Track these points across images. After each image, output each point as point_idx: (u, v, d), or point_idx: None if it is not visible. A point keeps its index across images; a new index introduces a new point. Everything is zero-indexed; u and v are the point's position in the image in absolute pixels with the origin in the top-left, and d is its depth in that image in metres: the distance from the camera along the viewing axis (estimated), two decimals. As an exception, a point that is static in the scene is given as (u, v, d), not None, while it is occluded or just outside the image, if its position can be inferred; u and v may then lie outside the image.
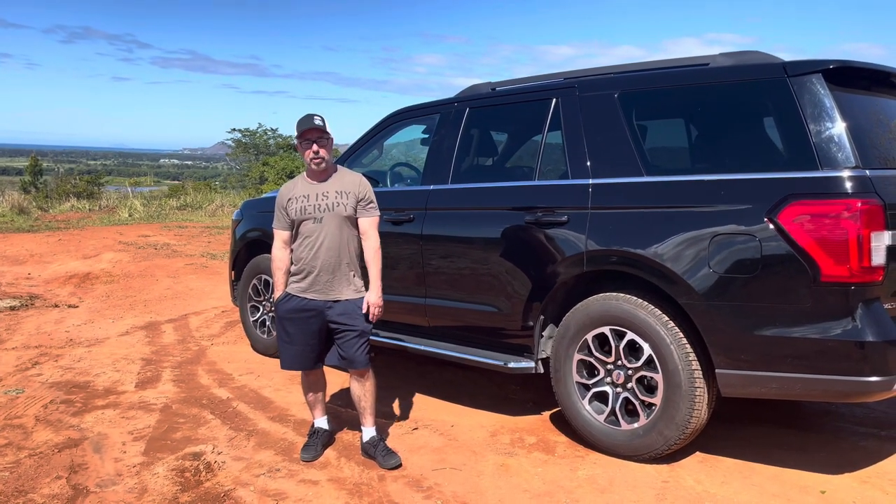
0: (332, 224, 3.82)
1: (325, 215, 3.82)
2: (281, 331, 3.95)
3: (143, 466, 3.83)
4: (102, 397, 4.94)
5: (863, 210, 3.12)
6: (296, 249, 3.89)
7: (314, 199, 3.84)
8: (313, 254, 3.82)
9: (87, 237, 13.56)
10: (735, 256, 3.39)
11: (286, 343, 3.94)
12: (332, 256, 3.82)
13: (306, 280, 3.85)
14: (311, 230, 3.83)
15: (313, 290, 3.85)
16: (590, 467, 3.79)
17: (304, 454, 3.93)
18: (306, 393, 4.11)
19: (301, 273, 3.86)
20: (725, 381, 3.49)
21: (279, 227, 3.96)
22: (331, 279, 3.84)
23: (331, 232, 3.82)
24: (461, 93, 4.91)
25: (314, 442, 4.01)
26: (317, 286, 3.84)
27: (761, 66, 3.56)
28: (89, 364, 5.74)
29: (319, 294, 3.85)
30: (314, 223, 3.82)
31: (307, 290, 3.85)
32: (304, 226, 3.84)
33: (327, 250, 3.82)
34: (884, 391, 3.18)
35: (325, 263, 3.82)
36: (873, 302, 3.19)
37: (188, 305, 8.11)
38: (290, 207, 3.86)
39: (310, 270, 3.83)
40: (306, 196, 3.85)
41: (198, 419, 4.54)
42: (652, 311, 3.68)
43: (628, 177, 3.82)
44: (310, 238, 3.83)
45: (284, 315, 3.90)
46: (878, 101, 3.65)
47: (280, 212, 3.93)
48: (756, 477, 3.62)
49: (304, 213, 3.83)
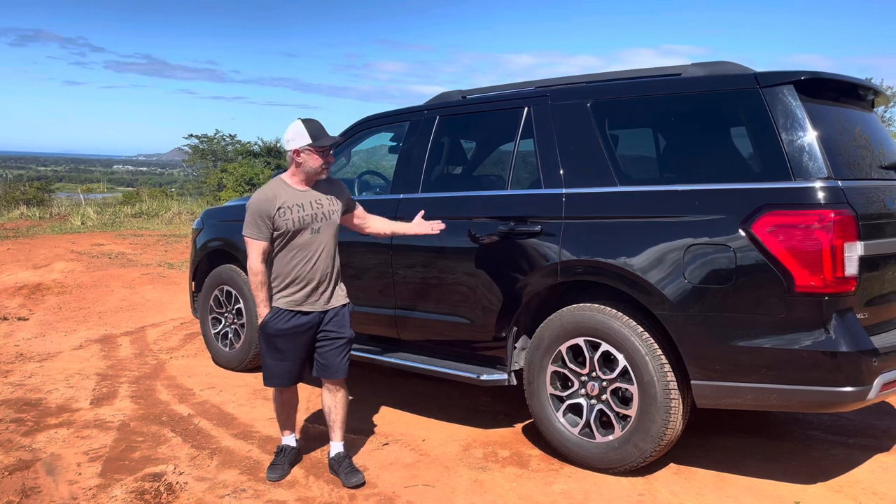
0: (327, 233, 3.68)
1: (323, 225, 3.65)
2: (271, 348, 3.70)
3: (99, 489, 3.65)
4: (55, 415, 4.72)
5: (836, 220, 3.13)
6: (285, 262, 3.64)
7: (310, 207, 3.63)
8: (312, 266, 3.63)
9: (37, 246, 13.11)
10: (710, 267, 3.38)
11: (277, 360, 3.71)
12: (328, 266, 3.69)
13: (301, 293, 3.64)
14: (308, 241, 3.62)
15: (309, 303, 3.66)
16: (565, 481, 3.74)
17: (270, 474, 3.77)
18: (281, 410, 3.90)
19: (294, 286, 3.64)
20: (701, 392, 3.47)
21: (260, 238, 3.60)
22: (327, 289, 3.70)
23: (327, 241, 3.68)
24: (431, 100, 4.83)
25: (281, 461, 3.84)
26: (313, 298, 3.67)
27: (733, 77, 3.56)
28: (41, 380, 5.49)
29: (316, 306, 3.68)
30: (312, 234, 3.62)
31: (302, 302, 3.65)
32: (300, 237, 3.60)
33: (325, 260, 3.67)
34: (858, 401, 3.19)
35: (324, 274, 3.67)
36: (846, 312, 3.20)
37: (145, 317, 7.85)
38: (283, 217, 3.56)
39: (307, 283, 3.63)
40: (300, 205, 3.61)
41: (157, 437, 4.36)
42: (627, 321, 3.65)
43: (602, 186, 3.79)
44: (305, 250, 3.62)
45: (277, 332, 3.65)
46: (847, 112, 3.68)
47: (263, 221, 3.57)
48: (730, 488, 3.60)
49: (302, 223, 3.59)
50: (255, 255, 3.61)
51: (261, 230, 3.59)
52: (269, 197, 3.60)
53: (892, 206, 3.53)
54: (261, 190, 3.68)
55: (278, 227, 3.58)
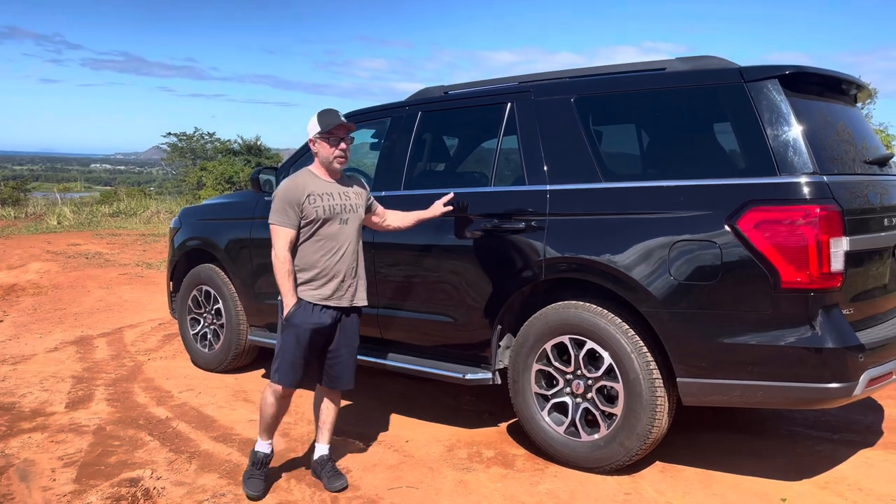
0: (354, 226, 3.59)
1: (350, 216, 3.56)
2: (293, 342, 3.48)
3: (74, 495, 3.55)
4: (29, 420, 4.60)
5: (821, 216, 3.11)
6: (311, 252, 3.50)
7: (339, 198, 3.54)
8: (339, 258, 3.51)
9: (12, 246, 12.87)
10: (695, 263, 3.35)
11: (298, 357, 3.50)
12: (353, 260, 3.59)
13: (328, 286, 3.50)
14: (336, 232, 3.51)
15: (336, 297, 3.53)
16: (550, 481, 3.69)
17: (252, 490, 3.52)
18: (269, 410, 3.59)
19: (320, 279, 3.50)
20: (686, 390, 3.44)
21: (287, 225, 3.45)
22: (353, 284, 3.59)
23: (353, 234, 3.59)
24: (412, 96, 4.76)
25: (260, 472, 3.61)
26: (340, 292, 3.54)
27: (718, 72, 3.53)
28: (14, 384, 5.35)
29: (343, 301, 3.55)
30: (340, 224, 3.52)
31: (329, 297, 3.51)
32: (329, 227, 3.49)
33: (352, 254, 3.57)
34: (844, 397, 3.17)
35: (350, 268, 3.56)
36: (832, 308, 3.18)
37: (122, 318, 7.71)
38: (314, 205, 3.44)
39: (333, 275, 3.51)
40: (330, 194, 3.51)
41: (134, 441, 4.26)
42: (612, 319, 3.61)
43: (586, 183, 3.75)
44: (333, 241, 3.50)
45: (303, 325, 3.47)
46: (831, 106, 3.67)
47: (292, 208, 3.45)
48: (717, 486, 3.58)
49: (332, 211, 3.49)
50: (282, 243, 3.45)
51: (289, 217, 3.45)
52: (300, 184, 3.50)
53: (877, 201, 3.52)
54: (289, 178, 3.58)
55: (307, 215, 3.46)
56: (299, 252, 3.53)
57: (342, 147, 3.53)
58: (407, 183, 4.47)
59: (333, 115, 3.54)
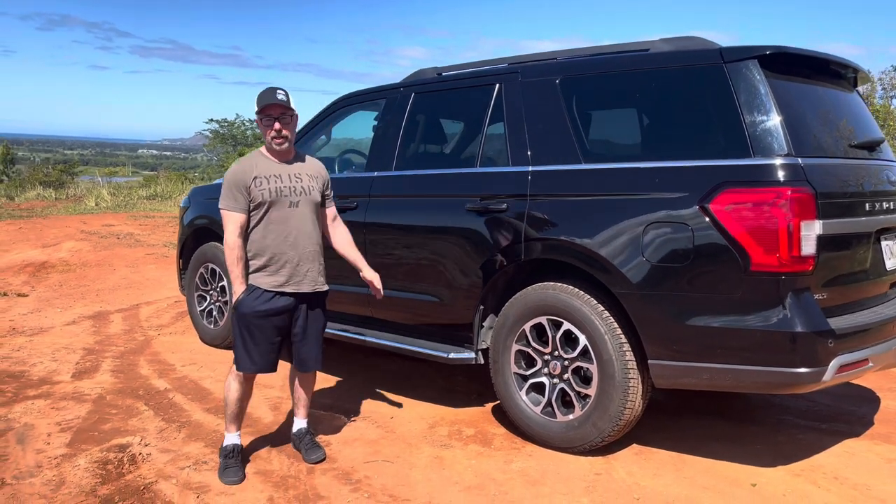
0: (307, 209, 3.50)
1: (301, 199, 3.47)
2: (244, 330, 3.46)
3: (64, 458, 3.70)
4: (35, 387, 4.80)
5: (793, 198, 3.07)
6: (260, 237, 3.45)
7: (287, 179, 3.46)
8: (291, 241, 3.45)
9: (49, 226, 13.29)
10: (668, 245, 3.33)
11: (252, 343, 3.46)
12: (310, 244, 3.51)
13: (282, 272, 3.45)
14: (287, 215, 3.44)
15: (293, 284, 3.47)
16: (524, 460, 3.72)
17: (228, 477, 3.46)
18: (236, 401, 3.57)
19: (273, 264, 3.45)
20: (658, 372, 3.44)
21: (237, 210, 3.41)
22: (311, 269, 3.52)
23: (307, 217, 3.50)
24: (407, 77, 4.80)
25: (236, 462, 3.53)
26: (296, 278, 3.48)
27: (698, 52, 3.50)
28: (28, 354, 5.58)
29: (302, 286, 3.50)
30: (290, 207, 3.44)
31: (285, 283, 3.46)
32: (278, 209, 3.42)
33: (307, 237, 3.49)
34: (812, 383, 3.14)
35: (305, 252, 3.49)
36: (803, 292, 3.14)
37: (142, 295, 7.95)
38: (260, 187, 3.39)
39: (287, 260, 3.45)
40: (278, 176, 3.44)
41: (130, 410, 4.41)
42: (588, 300, 3.61)
43: (566, 164, 3.75)
44: (283, 224, 3.43)
45: (254, 312, 3.43)
46: (815, 88, 3.60)
47: (239, 192, 3.39)
48: (688, 469, 3.57)
49: (279, 194, 3.41)
50: (232, 228, 3.42)
51: (237, 201, 3.41)
52: (246, 168, 3.45)
53: (859, 185, 3.45)
54: (238, 161, 3.54)
55: (255, 199, 3.40)
56: (251, 237, 3.47)
57: (276, 127, 3.42)
58: (398, 164, 4.52)
59: (268, 95, 3.44)
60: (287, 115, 3.46)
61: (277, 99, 3.42)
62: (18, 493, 3.34)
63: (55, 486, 3.41)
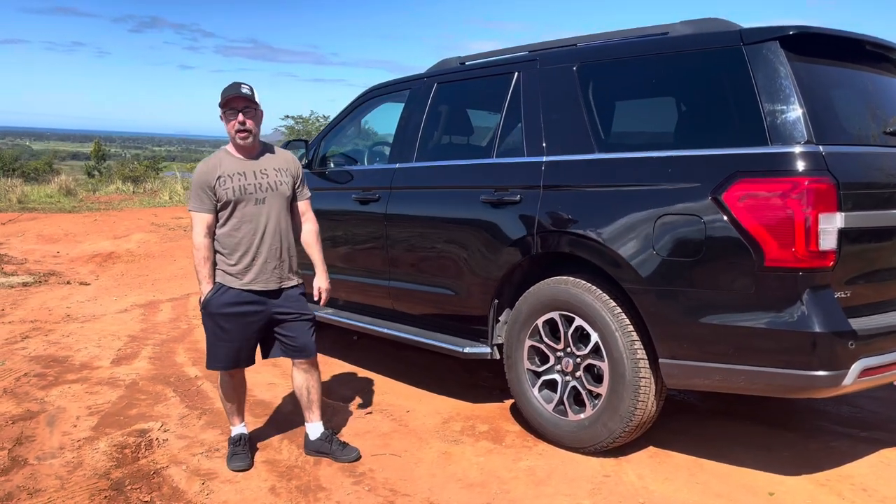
0: (275, 205, 3.45)
1: (269, 195, 3.44)
2: (215, 328, 3.48)
3: (87, 441, 3.84)
4: (76, 372, 5.00)
5: (810, 189, 2.85)
6: (229, 235, 3.44)
7: (252, 177, 3.42)
8: (258, 239, 3.42)
9: (122, 218, 13.90)
10: (679, 238, 3.16)
11: (222, 341, 3.48)
12: (277, 241, 3.47)
13: (251, 270, 3.44)
14: (254, 212, 3.42)
15: (259, 281, 3.45)
16: (534, 458, 3.63)
17: (235, 464, 3.52)
18: (229, 396, 3.64)
19: (241, 262, 3.43)
20: (668, 372, 3.27)
21: (202, 210, 3.41)
22: (278, 266, 3.48)
23: (274, 214, 3.45)
24: (431, 68, 4.75)
25: (243, 450, 3.59)
26: (263, 276, 3.45)
27: (718, 35, 3.29)
28: (76, 340, 5.82)
29: (265, 284, 3.47)
30: (256, 205, 3.41)
31: (252, 281, 3.44)
32: (244, 207, 3.40)
33: (273, 234, 3.45)
34: (832, 387, 2.91)
35: (272, 249, 3.45)
36: (822, 290, 2.92)
37: (194, 285, 8.15)
38: (224, 186, 3.38)
39: (254, 258, 3.43)
40: (242, 173, 3.41)
41: (158, 396, 4.54)
42: (599, 295, 3.48)
43: (580, 154, 3.62)
44: (251, 222, 3.42)
45: (220, 310, 3.44)
46: (849, 72, 3.35)
47: (204, 192, 3.40)
48: (703, 474, 3.39)
49: (244, 192, 3.39)
50: (199, 228, 3.42)
51: (203, 202, 3.41)
52: (210, 167, 3.43)
53: (893, 175, 3.18)
54: (203, 160, 3.52)
55: (220, 198, 3.39)
56: (219, 235, 3.46)
57: (240, 119, 3.37)
58: (419, 155, 4.47)
59: (232, 87, 3.39)
60: (251, 109, 3.41)
61: (240, 92, 3.37)
62: (37, 472, 3.47)
63: (72, 468, 3.53)
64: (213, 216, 3.45)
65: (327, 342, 5.66)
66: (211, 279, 3.48)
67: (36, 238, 11.83)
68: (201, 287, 3.50)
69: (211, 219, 3.45)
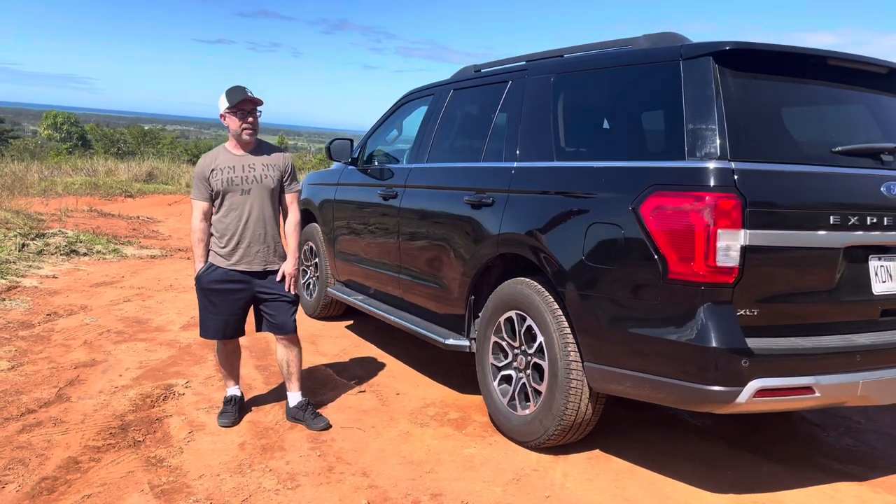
0: (259, 195, 3.90)
1: (253, 187, 3.88)
2: (205, 301, 4.00)
3: (122, 389, 4.54)
4: (148, 332, 5.82)
5: (712, 205, 2.86)
6: (219, 220, 3.93)
7: (241, 170, 3.88)
8: (243, 225, 3.88)
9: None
10: (603, 247, 3.26)
11: (211, 313, 4.00)
12: (260, 228, 3.91)
13: (236, 252, 3.91)
14: (239, 202, 3.88)
15: (244, 262, 3.92)
16: (481, 447, 3.83)
17: (222, 420, 4.03)
18: (223, 362, 4.18)
19: (228, 245, 3.91)
20: (590, 375, 3.37)
21: (199, 198, 3.93)
22: (261, 250, 3.93)
23: (258, 203, 3.89)
24: (454, 75, 5.03)
25: (231, 409, 4.09)
26: (247, 258, 3.92)
27: (663, 50, 3.33)
28: (164, 307, 6.71)
29: (249, 265, 3.93)
30: (242, 194, 3.87)
31: (238, 262, 3.92)
32: (231, 197, 3.87)
33: (256, 222, 3.90)
34: (726, 403, 2.89)
35: (255, 234, 3.90)
36: (721, 305, 2.90)
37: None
38: (215, 178, 3.86)
39: (239, 241, 3.89)
40: (231, 167, 3.88)
41: (200, 359, 5.21)
42: (545, 297, 3.62)
43: (542, 161, 3.77)
44: (237, 210, 3.88)
45: (209, 286, 3.95)
46: (788, 87, 3.23)
47: (201, 183, 3.90)
48: (627, 481, 3.43)
49: (230, 183, 3.85)
50: (196, 213, 3.95)
51: (200, 191, 3.93)
52: (208, 161, 3.94)
53: (826, 196, 3.05)
54: (203, 156, 4.02)
55: (213, 188, 3.89)
56: (213, 221, 3.96)
57: (250, 120, 3.86)
58: (430, 157, 4.79)
59: (240, 91, 3.84)
60: (256, 110, 3.92)
61: (250, 95, 3.85)
62: (71, 408, 4.20)
63: (99, 408, 4.23)
64: (209, 204, 3.98)
65: (367, 329, 6.12)
66: (204, 258, 4.03)
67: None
68: (196, 265, 4.05)
69: (207, 206, 3.98)
